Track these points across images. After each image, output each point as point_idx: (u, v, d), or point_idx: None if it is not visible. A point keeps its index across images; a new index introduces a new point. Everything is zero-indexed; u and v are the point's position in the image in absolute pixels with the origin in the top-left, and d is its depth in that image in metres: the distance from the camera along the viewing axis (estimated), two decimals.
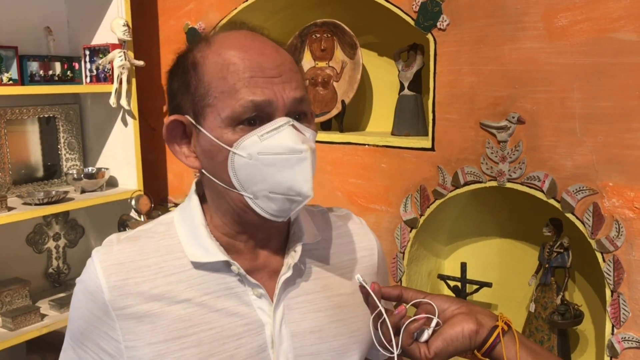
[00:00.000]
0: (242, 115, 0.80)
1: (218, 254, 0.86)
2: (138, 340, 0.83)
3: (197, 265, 0.87)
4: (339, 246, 0.99)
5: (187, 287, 0.86)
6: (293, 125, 0.82)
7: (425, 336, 0.80)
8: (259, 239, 0.90)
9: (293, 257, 0.90)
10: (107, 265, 0.85)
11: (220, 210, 0.88)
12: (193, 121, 0.85)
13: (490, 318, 0.81)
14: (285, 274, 0.89)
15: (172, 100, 0.88)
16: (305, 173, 0.81)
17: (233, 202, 0.85)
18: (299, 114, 0.85)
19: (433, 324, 0.81)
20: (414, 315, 0.82)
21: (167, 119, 0.86)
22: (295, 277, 0.91)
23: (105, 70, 2.32)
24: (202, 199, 0.92)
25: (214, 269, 0.87)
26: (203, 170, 0.87)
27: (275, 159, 0.80)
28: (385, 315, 0.80)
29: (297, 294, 0.91)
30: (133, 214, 2.36)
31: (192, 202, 0.91)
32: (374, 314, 0.82)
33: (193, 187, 0.94)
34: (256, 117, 0.81)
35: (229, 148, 0.81)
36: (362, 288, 0.82)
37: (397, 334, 0.81)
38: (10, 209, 2.05)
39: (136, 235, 0.90)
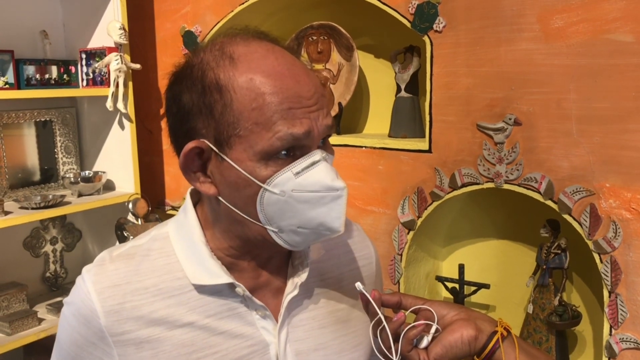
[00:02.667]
0: (280, 149, 0.75)
1: (222, 276, 0.82)
2: None
3: (198, 287, 0.83)
4: (339, 257, 0.97)
5: (189, 310, 0.82)
6: (325, 159, 0.78)
7: (424, 343, 0.80)
8: (263, 258, 0.87)
9: (300, 276, 0.87)
10: (101, 288, 0.80)
11: (231, 234, 0.83)
12: (215, 148, 0.78)
13: (489, 323, 0.81)
14: (292, 292, 0.86)
15: (185, 119, 0.79)
16: (340, 210, 0.77)
17: (251, 233, 0.81)
18: (324, 138, 0.81)
19: (432, 330, 0.80)
20: (413, 321, 0.82)
21: (187, 147, 0.78)
22: (301, 296, 0.88)
23: (102, 73, 2.31)
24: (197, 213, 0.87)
25: (216, 290, 0.83)
26: (220, 198, 0.80)
27: (310, 197, 0.76)
28: (384, 322, 0.79)
29: (301, 312, 0.88)
30: (130, 217, 2.36)
31: (189, 217, 0.86)
32: (373, 321, 0.81)
33: (188, 199, 0.88)
34: (290, 149, 0.76)
35: (261, 184, 0.76)
36: (362, 296, 0.81)
37: (396, 340, 0.80)
38: (7, 213, 2.04)
39: (130, 253, 0.84)
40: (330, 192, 0.77)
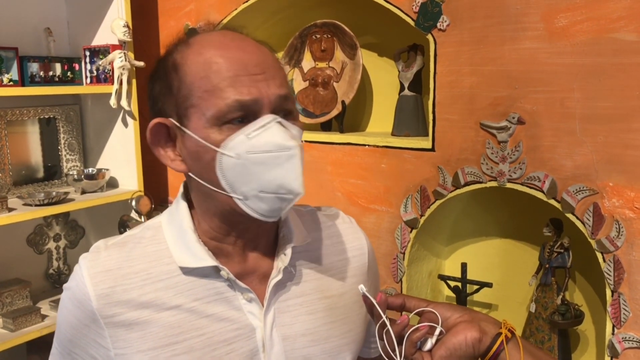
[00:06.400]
0: (228, 114, 0.80)
1: (207, 259, 0.85)
2: (128, 348, 0.83)
3: (186, 271, 0.86)
4: (329, 247, 0.98)
5: (176, 294, 0.85)
6: (280, 123, 0.81)
7: (428, 345, 0.79)
8: (248, 240, 0.89)
9: (283, 260, 0.90)
10: (94, 273, 0.84)
11: (208, 213, 0.87)
12: (177, 123, 0.84)
13: (493, 325, 0.80)
14: (276, 277, 0.89)
15: (154, 104, 0.87)
16: (296, 170, 0.80)
17: (221, 205, 0.84)
18: (285, 111, 0.84)
19: (436, 332, 0.80)
20: (417, 324, 0.81)
21: (151, 123, 0.85)
22: (285, 280, 0.90)
23: (106, 71, 2.32)
24: (190, 203, 0.91)
25: (203, 274, 0.86)
26: (190, 174, 0.86)
27: (265, 157, 0.80)
28: (389, 325, 0.79)
29: (288, 297, 0.90)
30: (133, 214, 2.36)
31: (180, 206, 0.90)
32: (378, 324, 0.81)
33: (181, 190, 0.92)
34: (242, 116, 0.80)
35: (216, 148, 0.80)
36: (366, 298, 0.81)
37: (400, 343, 0.80)
38: (10, 209, 2.05)
39: (124, 241, 0.89)
40: (282, 151, 0.80)
